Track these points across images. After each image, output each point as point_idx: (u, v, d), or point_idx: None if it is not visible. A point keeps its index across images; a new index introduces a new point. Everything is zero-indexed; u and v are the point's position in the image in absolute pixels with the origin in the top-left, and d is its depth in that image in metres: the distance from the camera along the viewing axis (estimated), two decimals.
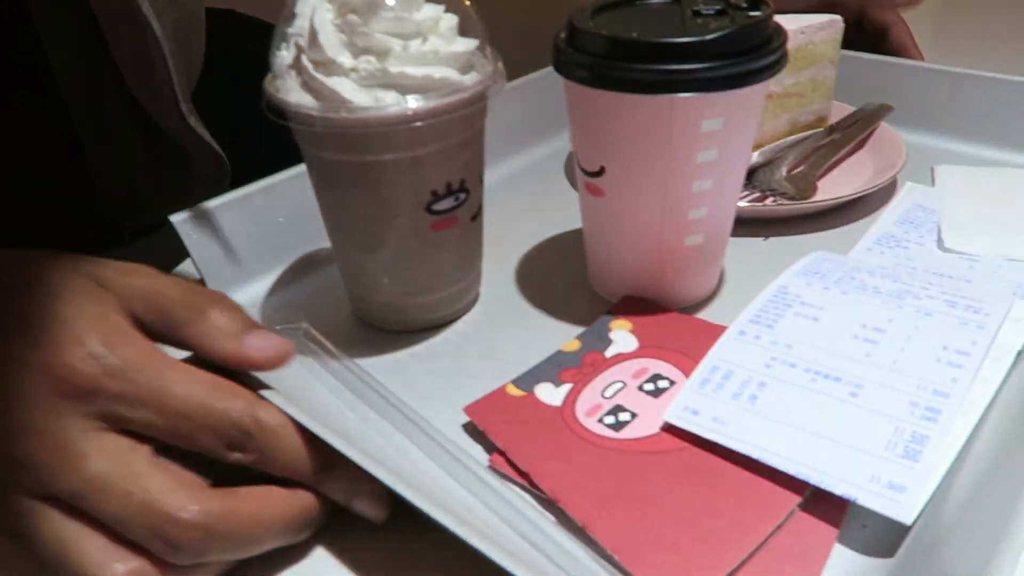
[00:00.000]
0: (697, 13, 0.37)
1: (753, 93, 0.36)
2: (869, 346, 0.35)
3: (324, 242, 0.44)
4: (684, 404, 0.33)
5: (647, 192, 0.38)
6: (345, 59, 0.35)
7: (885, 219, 0.49)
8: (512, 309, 0.44)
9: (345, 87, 0.34)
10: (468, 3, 0.38)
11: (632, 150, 0.37)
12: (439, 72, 0.35)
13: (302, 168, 0.43)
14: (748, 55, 0.35)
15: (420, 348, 0.41)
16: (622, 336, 0.39)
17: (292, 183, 0.46)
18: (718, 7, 0.37)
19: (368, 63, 0.35)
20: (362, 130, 0.35)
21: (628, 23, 0.37)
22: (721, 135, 0.36)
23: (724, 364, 0.35)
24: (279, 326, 0.43)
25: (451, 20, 0.38)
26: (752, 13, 0.36)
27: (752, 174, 0.53)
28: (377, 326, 0.43)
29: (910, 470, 0.28)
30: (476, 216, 0.41)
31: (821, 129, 0.57)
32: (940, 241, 0.46)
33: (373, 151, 0.36)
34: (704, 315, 0.42)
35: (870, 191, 0.49)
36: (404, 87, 0.35)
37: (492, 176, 0.56)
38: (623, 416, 0.34)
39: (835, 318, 0.37)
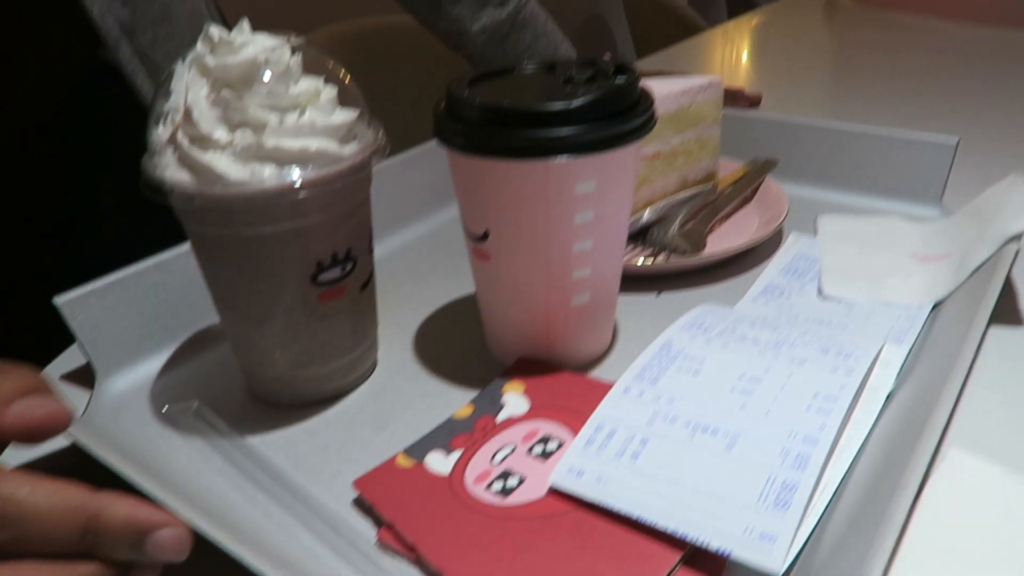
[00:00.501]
0: (569, 80, 0.39)
1: (624, 155, 0.37)
2: (745, 397, 0.36)
3: (216, 318, 0.43)
4: (568, 466, 0.34)
5: (530, 255, 0.39)
6: (221, 134, 0.35)
7: (771, 270, 0.51)
8: (409, 376, 0.44)
9: (221, 162, 0.34)
10: (347, 77, 0.39)
11: (512, 214, 0.38)
12: (316, 144, 0.36)
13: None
14: (616, 119, 0.36)
15: (313, 422, 0.41)
16: (514, 399, 0.40)
17: (182, 259, 0.45)
18: (589, 74, 0.39)
19: (244, 137, 0.35)
20: (240, 204, 0.35)
21: (504, 91, 0.39)
22: (596, 196, 0.37)
23: (608, 423, 0.36)
24: (168, 406, 0.42)
25: (330, 92, 0.38)
26: (619, 79, 0.38)
27: (646, 231, 0.55)
28: (270, 401, 0.42)
29: (780, 519, 0.29)
30: (366, 285, 0.41)
31: (710, 185, 0.60)
32: (820, 289, 0.48)
33: (252, 224, 0.36)
34: (597, 372, 0.43)
35: (753, 244, 0.51)
36: (281, 160, 0.35)
37: (392, 243, 0.57)
38: (511, 481, 0.34)
39: (715, 370, 0.38)
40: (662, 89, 0.54)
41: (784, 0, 1.50)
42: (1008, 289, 0.49)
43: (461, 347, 0.46)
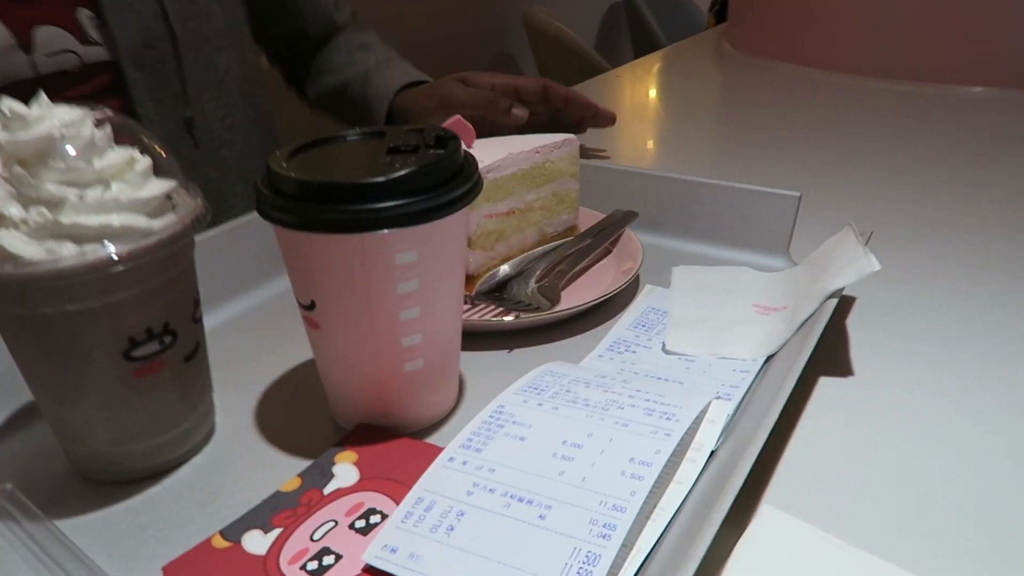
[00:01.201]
0: (394, 150, 0.39)
1: (445, 225, 0.38)
2: (565, 463, 0.36)
3: None
4: (383, 542, 0.33)
5: (356, 324, 0.39)
6: (15, 211, 0.34)
7: (621, 324, 0.52)
8: (245, 446, 0.43)
9: (14, 240, 0.33)
10: (161, 148, 0.38)
11: (334, 285, 0.38)
12: (120, 220, 0.35)
13: None
14: (433, 191, 0.37)
15: (136, 500, 0.39)
16: (345, 469, 0.39)
17: None
18: (413, 144, 0.39)
19: (39, 215, 0.33)
20: (34, 284, 0.33)
21: (323, 163, 0.39)
22: (418, 266, 0.38)
23: (428, 495, 0.35)
24: None
25: (144, 163, 0.37)
26: (440, 151, 0.38)
27: (504, 286, 0.56)
28: (94, 479, 0.40)
29: None
30: (192, 356, 0.40)
31: (572, 238, 0.61)
32: (664, 344, 0.49)
33: (51, 303, 0.34)
34: (439, 435, 0.43)
35: (603, 297, 0.52)
36: (81, 237, 0.34)
37: (237, 306, 0.56)
38: (327, 560, 0.33)
39: (540, 436, 0.38)
40: (515, 147, 0.55)
41: (680, 44, 1.56)
42: (841, 341, 0.51)
43: (303, 414, 0.45)
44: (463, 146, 0.40)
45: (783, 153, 0.89)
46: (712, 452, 0.39)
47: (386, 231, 0.36)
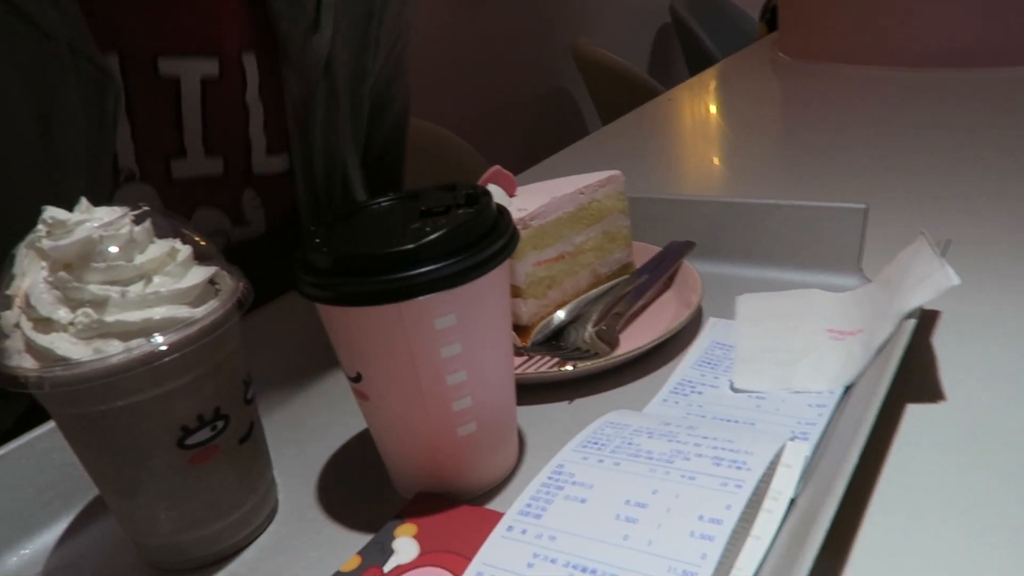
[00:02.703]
0: (426, 212, 0.38)
1: (482, 284, 0.36)
2: (629, 526, 0.34)
3: None
4: None
5: (403, 392, 0.38)
6: (62, 314, 0.34)
7: (685, 362, 0.50)
8: (307, 524, 0.42)
9: (62, 343, 0.34)
10: (199, 237, 0.39)
11: (377, 356, 0.37)
12: (160, 313, 0.35)
13: None
14: (466, 251, 0.36)
15: None
16: (404, 544, 0.38)
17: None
18: (445, 205, 0.38)
19: (85, 316, 0.34)
20: (84, 383, 0.34)
21: (357, 234, 0.38)
22: (459, 328, 0.37)
23: (488, 568, 0.34)
24: None
25: (185, 252, 0.38)
26: (471, 209, 0.38)
27: (560, 333, 0.54)
28: (161, 568, 0.40)
29: None
30: (247, 438, 0.40)
31: (627, 276, 0.59)
32: (732, 382, 0.47)
33: (103, 401, 0.35)
34: (500, 499, 0.41)
35: (663, 338, 0.50)
36: (126, 333, 0.34)
37: (289, 384, 0.55)
38: None
39: (602, 497, 0.36)
40: (557, 191, 0.54)
41: (732, 57, 1.52)
42: (927, 362, 0.47)
43: (363, 485, 0.44)
44: (501, 198, 0.40)
45: (848, 161, 0.85)
46: (791, 500, 0.36)
47: (423, 297, 0.35)
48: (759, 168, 0.91)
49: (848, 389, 0.44)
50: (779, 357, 0.48)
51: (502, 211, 0.40)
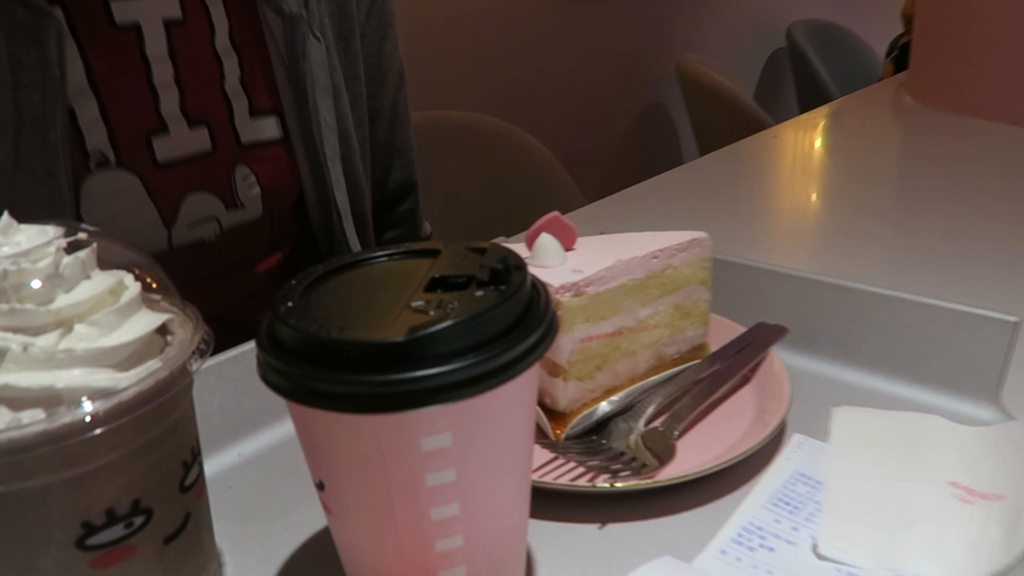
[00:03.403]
0: (438, 282, 0.29)
1: (495, 396, 0.27)
2: None
3: None
4: None
5: (372, 519, 0.29)
6: None
7: (756, 497, 0.39)
8: None
9: None
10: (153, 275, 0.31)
11: (344, 471, 0.28)
12: (67, 379, 0.27)
13: None
14: (480, 350, 0.26)
15: None
16: None
17: None
18: (466, 275, 0.29)
19: None
20: None
21: (341, 301, 0.29)
22: (455, 451, 0.27)
23: None
24: None
25: (131, 292, 0.30)
26: (497, 288, 0.28)
27: (604, 426, 0.44)
28: None
29: None
30: (176, 535, 0.31)
31: (699, 361, 0.48)
32: (815, 543, 0.36)
33: None
34: None
35: (733, 460, 0.39)
36: (16, 401, 0.26)
37: (255, 445, 0.46)
38: None
39: None
40: (625, 251, 0.44)
41: (853, 96, 1.38)
42: None
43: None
44: (555, 252, 0.30)
45: (994, 249, 0.71)
46: None
47: (408, 412, 0.26)
48: (875, 241, 0.78)
49: None
50: (883, 515, 0.37)
51: (539, 288, 0.30)
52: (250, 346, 0.48)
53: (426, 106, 1.26)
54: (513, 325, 0.27)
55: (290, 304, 0.28)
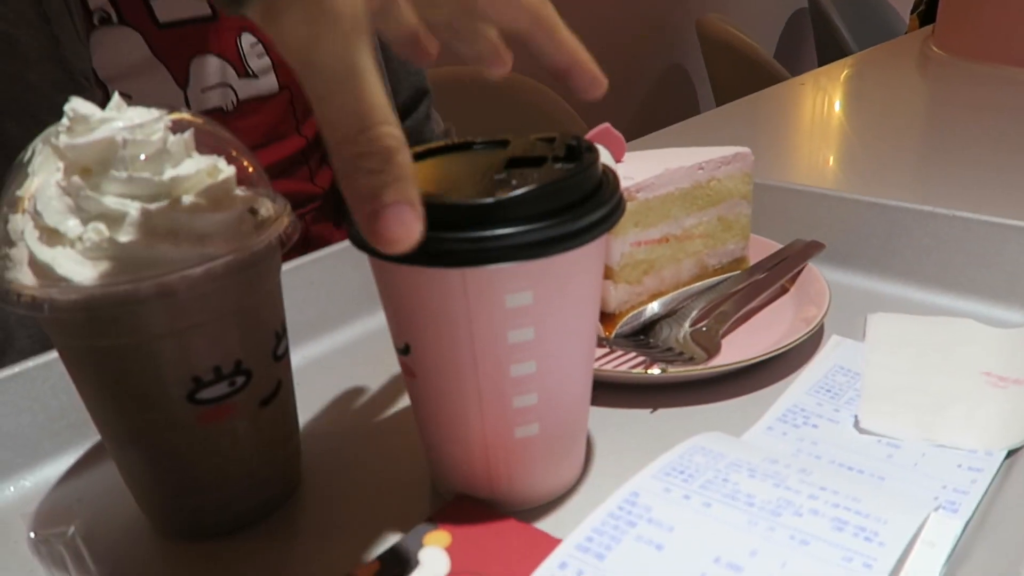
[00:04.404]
0: (516, 162, 0.31)
1: (572, 259, 0.29)
2: None
3: None
4: None
5: (455, 377, 0.31)
6: (71, 226, 0.29)
7: (799, 385, 0.41)
8: (330, 506, 0.36)
9: (66, 260, 0.29)
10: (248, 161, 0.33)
11: (430, 329, 0.30)
12: (182, 239, 0.29)
13: None
14: (558, 216, 0.28)
15: (198, 563, 0.34)
16: (433, 555, 0.31)
17: None
18: (539, 155, 0.31)
19: (95, 232, 0.29)
20: (82, 312, 0.28)
21: (428, 179, 0.31)
22: (535, 310, 0.29)
23: None
24: (35, 532, 0.35)
25: (227, 173, 0.32)
26: (570, 164, 0.30)
27: (651, 328, 0.46)
28: (161, 530, 0.35)
29: None
30: (270, 399, 0.34)
31: (739, 272, 0.50)
32: (857, 419, 0.38)
33: (105, 335, 0.29)
34: (555, 519, 0.34)
35: (777, 351, 0.42)
36: (137, 260, 0.29)
37: (332, 343, 0.49)
38: None
39: (684, 546, 0.28)
40: (673, 162, 0.46)
41: (877, 48, 1.38)
42: None
43: (400, 472, 0.38)
44: (606, 161, 0.32)
45: (1019, 177, 0.73)
46: None
47: (495, 266, 0.28)
48: (903, 171, 0.80)
49: (1011, 453, 0.35)
50: (920, 398, 0.39)
51: (608, 173, 0.32)
52: (311, 257, 0.50)
53: (441, 63, 1.26)
54: (590, 194, 0.30)
55: None
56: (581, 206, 0.29)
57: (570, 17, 0.32)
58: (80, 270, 0.28)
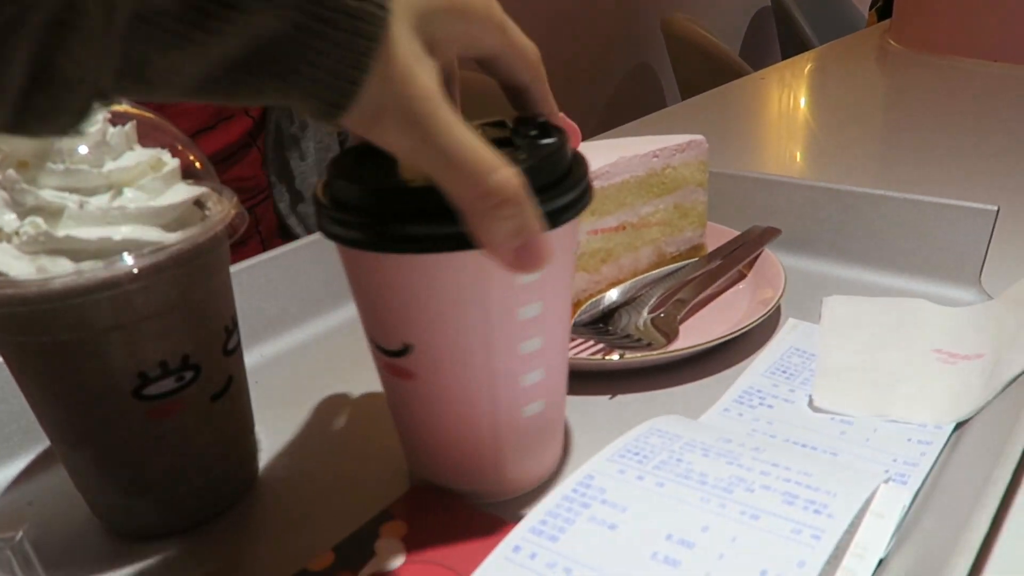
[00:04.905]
0: (500, 142, 0.31)
1: (565, 233, 0.29)
2: (668, 570, 0.26)
3: None
4: None
5: (469, 365, 0.30)
6: (7, 220, 0.28)
7: (755, 368, 0.42)
8: (286, 502, 0.36)
9: (2, 256, 0.28)
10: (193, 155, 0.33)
11: (444, 320, 0.29)
12: (124, 233, 0.29)
13: None
14: (553, 190, 0.28)
15: (151, 560, 0.33)
16: (388, 546, 0.31)
17: None
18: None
19: (32, 226, 0.28)
20: (21, 308, 0.28)
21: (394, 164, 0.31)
22: (541, 284, 0.29)
23: None
24: None
25: (170, 166, 0.32)
26: (545, 141, 0.30)
27: (610, 316, 0.46)
28: (113, 530, 0.35)
29: None
30: (221, 395, 0.34)
31: (697, 259, 0.51)
32: (811, 398, 0.38)
33: (46, 331, 0.29)
34: (515, 507, 0.34)
35: (732, 335, 0.42)
36: (77, 253, 0.28)
37: (292, 339, 0.49)
38: None
39: (637, 525, 0.29)
40: (628, 151, 0.46)
41: (836, 43, 1.40)
42: None
43: (363, 464, 0.38)
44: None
45: (969, 163, 0.74)
46: (880, 560, 0.28)
47: None
48: (859, 159, 0.81)
49: (959, 426, 0.35)
50: (872, 376, 0.39)
51: (576, 153, 0.32)
52: (270, 254, 0.50)
53: None
54: (567, 173, 0.29)
55: (351, 171, 0.29)
56: (564, 182, 0.29)
57: (537, 17, 0.32)
58: (18, 264, 0.28)
